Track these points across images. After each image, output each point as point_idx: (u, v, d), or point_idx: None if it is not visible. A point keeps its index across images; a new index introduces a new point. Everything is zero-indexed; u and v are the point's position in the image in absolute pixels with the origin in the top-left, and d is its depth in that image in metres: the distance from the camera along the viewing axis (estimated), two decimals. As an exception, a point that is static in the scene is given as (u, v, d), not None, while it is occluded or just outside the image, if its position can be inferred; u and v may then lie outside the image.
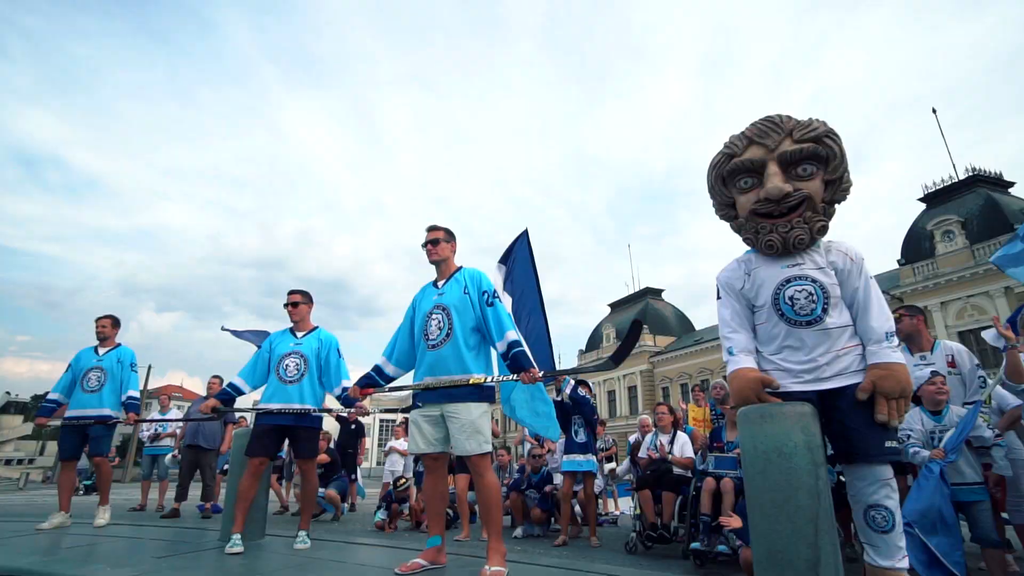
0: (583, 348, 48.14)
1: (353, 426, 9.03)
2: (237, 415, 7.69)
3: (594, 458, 4.98)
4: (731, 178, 2.34)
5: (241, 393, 4.27)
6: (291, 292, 4.39)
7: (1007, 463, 3.35)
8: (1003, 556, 3.14)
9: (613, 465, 9.18)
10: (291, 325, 4.35)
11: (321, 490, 6.95)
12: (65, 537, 4.20)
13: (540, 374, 2.90)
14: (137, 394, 5.09)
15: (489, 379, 3.02)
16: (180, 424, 7.61)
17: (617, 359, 2.86)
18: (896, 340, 2.10)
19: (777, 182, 2.18)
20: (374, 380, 3.43)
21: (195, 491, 7.39)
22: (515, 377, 2.96)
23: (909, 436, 3.22)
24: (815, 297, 2.15)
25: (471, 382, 3.00)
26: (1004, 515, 3.74)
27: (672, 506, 4.29)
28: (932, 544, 2.75)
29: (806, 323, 2.15)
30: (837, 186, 2.22)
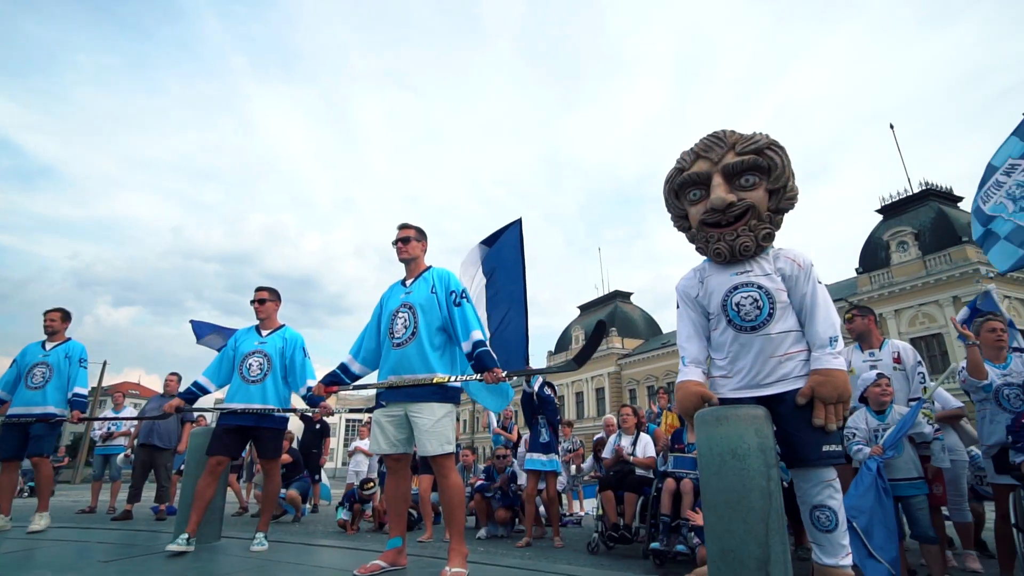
0: (552, 349, 48.43)
1: (318, 426, 8.87)
2: (196, 414, 7.48)
3: (556, 458, 5.02)
4: (682, 191, 2.43)
5: (206, 392, 4.19)
6: (259, 289, 4.32)
7: (944, 456, 3.51)
8: (941, 552, 3.28)
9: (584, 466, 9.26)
10: (257, 323, 4.28)
11: (282, 491, 6.82)
12: (3, 542, 4.00)
13: (503, 374, 2.91)
14: (84, 391, 4.88)
15: (453, 379, 3.02)
16: (135, 422, 7.35)
17: (580, 360, 2.89)
18: (840, 345, 2.14)
19: (720, 193, 2.26)
20: (339, 378, 3.39)
21: (149, 492, 7.14)
22: (479, 377, 2.96)
23: (854, 434, 3.36)
24: (760, 303, 2.21)
25: (435, 381, 2.99)
26: (946, 512, 3.93)
27: (634, 507, 4.36)
28: (868, 539, 2.86)
29: (751, 328, 2.21)
30: (781, 195, 2.29)
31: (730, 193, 2.27)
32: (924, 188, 27.64)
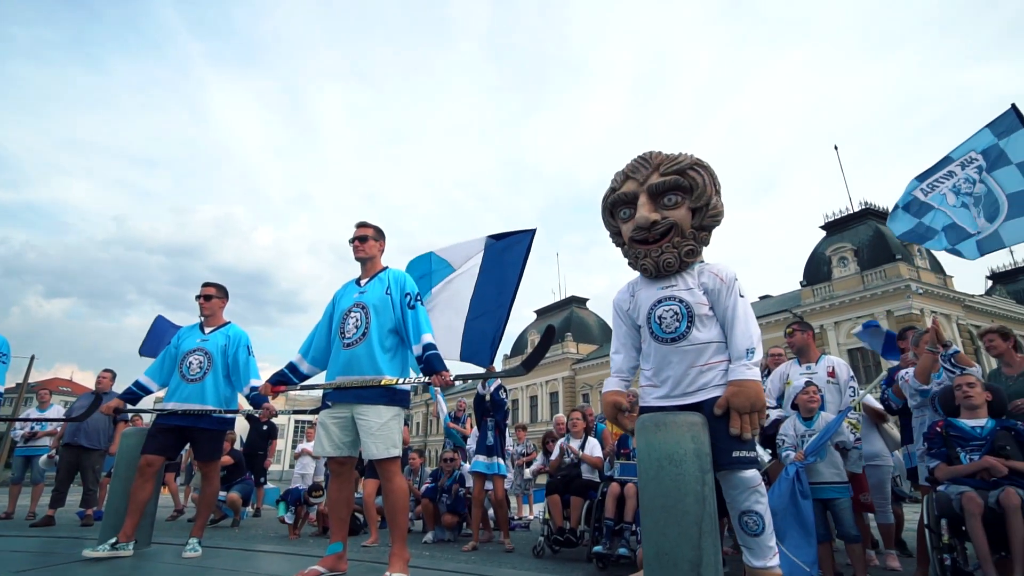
0: (508, 353, 48.56)
1: (265, 427, 8.59)
2: (130, 414, 7.11)
3: (502, 461, 5.02)
4: (614, 210, 2.54)
5: (148, 392, 4.04)
6: (205, 285, 4.18)
7: (860, 462, 3.75)
8: (863, 551, 3.47)
9: (533, 470, 9.29)
10: (201, 320, 4.14)
11: (222, 494, 6.56)
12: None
13: (452, 377, 2.91)
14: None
15: (401, 381, 2.99)
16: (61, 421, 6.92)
17: (528, 365, 2.92)
18: (756, 357, 2.23)
19: (645, 212, 2.36)
20: (287, 378, 3.31)
21: (75, 496, 6.73)
22: (427, 379, 2.95)
23: (784, 440, 3.52)
24: (680, 315, 2.31)
25: (383, 383, 2.95)
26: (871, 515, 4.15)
27: (580, 510, 4.41)
28: (782, 541, 2.99)
29: (671, 340, 2.31)
30: (704, 213, 2.39)
31: (654, 212, 2.37)
32: (864, 207, 29.23)
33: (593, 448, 4.72)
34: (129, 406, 4.01)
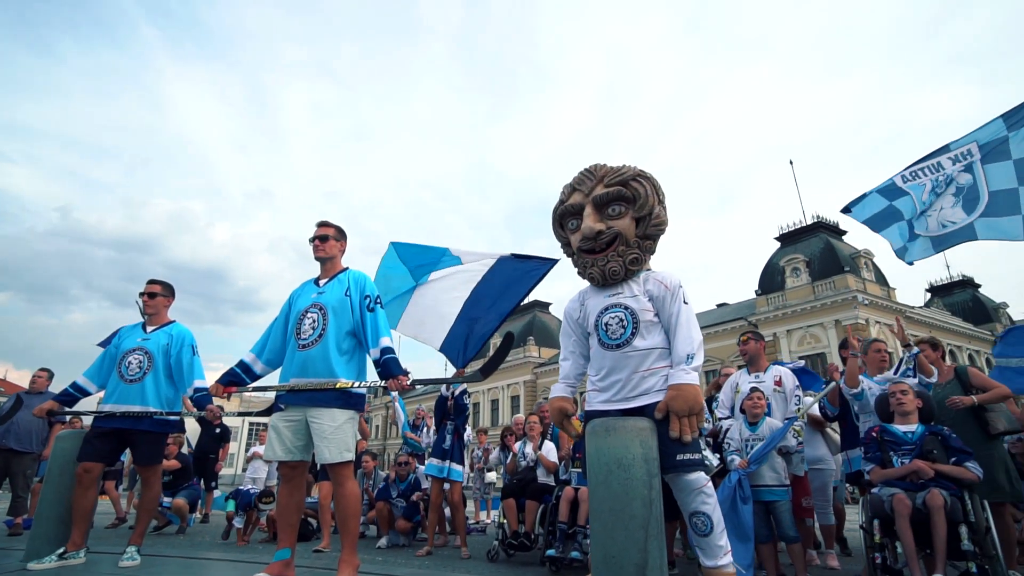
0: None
1: (218, 430, 8.30)
2: (68, 416, 6.76)
3: (458, 467, 5.00)
4: (563, 221, 2.61)
5: (86, 394, 3.86)
6: (150, 282, 4.03)
7: (802, 465, 3.90)
8: (803, 551, 3.61)
9: (494, 475, 9.24)
10: (144, 319, 3.98)
11: (167, 499, 6.30)
12: None
13: (408, 382, 2.89)
14: None
15: (357, 384, 2.95)
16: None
17: (486, 372, 2.94)
18: (696, 362, 2.30)
19: (589, 222, 2.43)
20: (239, 378, 3.22)
21: (3, 503, 6.34)
22: (384, 383, 2.93)
23: (730, 444, 3.64)
24: (625, 322, 2.37)
25: (337, 386, 2.91)
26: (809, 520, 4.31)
27: (534, 514, 4.43)
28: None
29: (616, 346, 2.37)
30: (648, 222, 2.46)
31: (599, 222, 2.44)
32: (816, 221, 30.47)
33: (549, 452, 4.76)
34: (66, 408, 3.83)
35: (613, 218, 2.45)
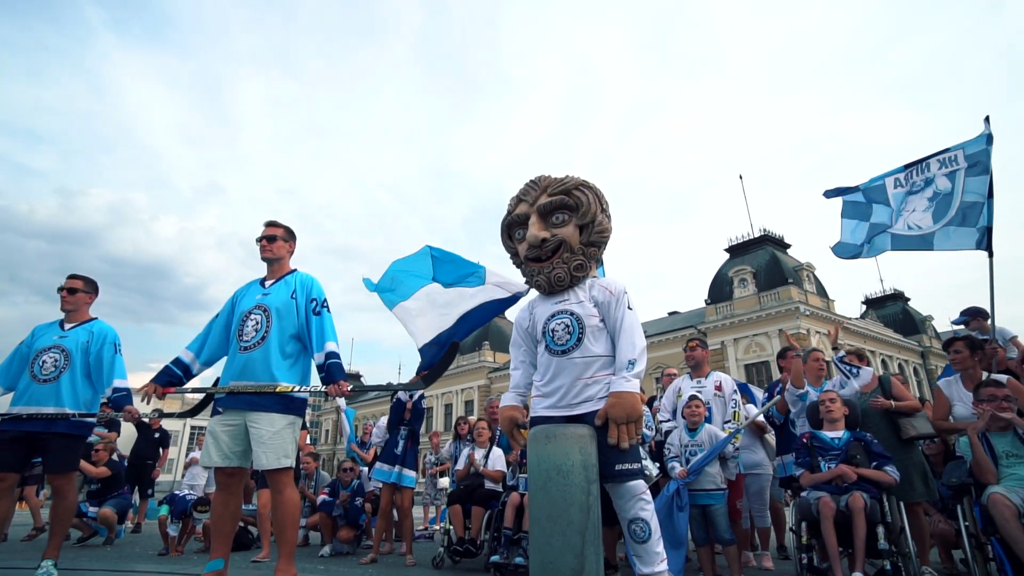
0: (423, 361, 47.95)
1: (157, 434, 7.91)
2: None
3: (411, 473, 4.95)
4: (511, 232, 2.65)
5: None
6: (71, 277, 3.82)
7: (737, 470, 4.04)
8: (738, 552, 3.75)
9: (446, 481, 9.17)
10: (63, 316, 3.76)
11: (93, 509, 5.96)
12: None
13: (349, 388, 2.85)
14: None
15: (297, 389, 2.89)
16: None
17: (429, 379, 2.93)
18: (637, 368, 2.34)
19: (534, 230, 2.48)
20: (177, 377, 3.10)
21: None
22: (323, 388, 2.88)
23: (670, 450, 3.75)
24: (571, 329, 2.41)
25: (278, 390, 2.84)
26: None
27: (481, 520, 4.42)
28: None
29: (562, 352, 2.40)
30: (591, 229, 2.52)
31: (543, 230, 2.49)
32: (763, 234, 31.80)
33: (496, 460, 4.76)
34: None
35: (557, 226, 2.49)
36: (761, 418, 5.05)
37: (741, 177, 38.10)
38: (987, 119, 4.54)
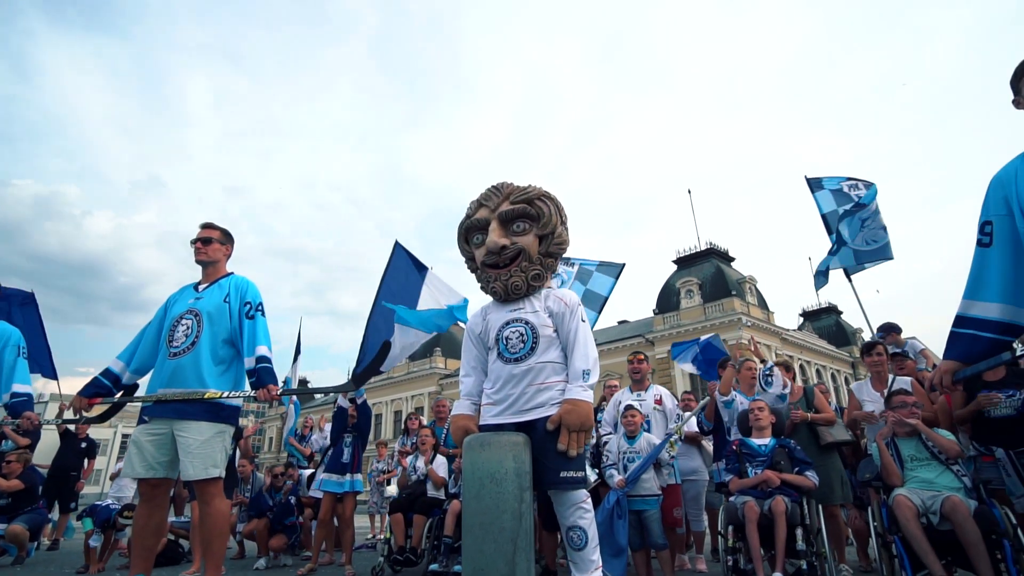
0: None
1: (84, 443, 7.44)
2: None
3: (358, 476, 4.87)
4: (469, 236, 2.65)
5: None
6: None
7: (675, 475, 4.18)
8: (671, 557, 3.88)
9: (394, 488, 9.03)
10: None
11: (1, 526, 5.53)
12: None
13: (278, 392, 2.80)
14: None
15: (225, 395, 2.81)
16: None
17: (359, 381, 2.90)
18: (592, 379, 2.41)
19: (495, 237, 2.49)
20: (105, 388, 2.98)
21: None
22: (253, 393, 2.82)
23: (608, 457, 3.85)
24: (525, 337, 2.44)
25: (206, 397, 2.76)
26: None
27: (422, 529, 4.40)
28: (604, 565, 3.29)
29: (515, 360, 2.43)
30: (550, 240, 2.57)
31: (504, 237, 2.51)
32: (709, 247, 32.99)
33: (439, 466, 4.75)
34: None
35: (518, 234, 2.51)
36: (696, 428, 5.25)
37: (690, 191, 39.73)
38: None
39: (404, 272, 5.32)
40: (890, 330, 5.48)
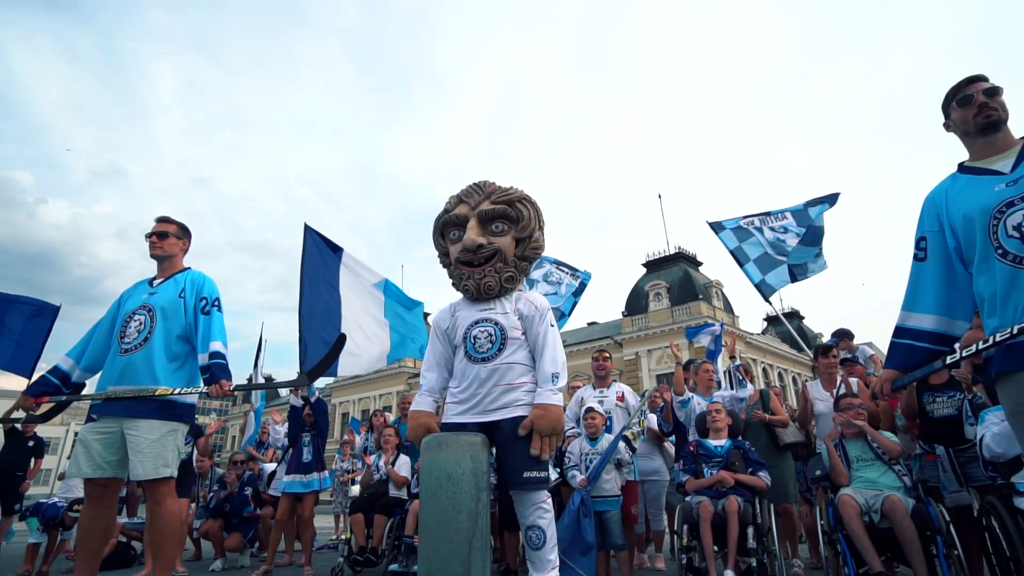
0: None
1: (31, 442, 7.11)
2: None
3: (323, 474, 4.81)
4: (445, 230, 2.63)
5: None
6: None
7: (634, 474, 4.23)
8: (629, 557, 3.95)
9: (358, 489, 8.93)
10: None
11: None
12: None
13: (230, 388, 2.76)
14: None
15: (177, 391, 2.75)
16: None
17: (313, 375, 2.88)
18: (560, 382, 2.43)
19: (472, 235, 2.49)
20: (53, 387, 2.89)
21: None
22: (205, 389, 2.77)
23: (570, 458, 3.90)
24: (494, 337, 2.45)
25: (157, 394, 2.70)
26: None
27: (383, 529, 4.37)
28: (574, 562, 3.34)
29: (482, 359, 2.43)
30: (527, 244, 2.59)
31: (482, 236, 2.50)
32: (677, 252, 33.58)
33: (402, 466, 4.73)
34: None
35: (495, 235, 2.51)
36: (656, 427, 5.35)
37: (660, 196, 40.03)
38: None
39: (320, 255, 5.19)
40: (843, 336, 5.70)
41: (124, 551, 5.50)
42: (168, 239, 3.09)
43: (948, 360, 2.00)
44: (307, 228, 5.16)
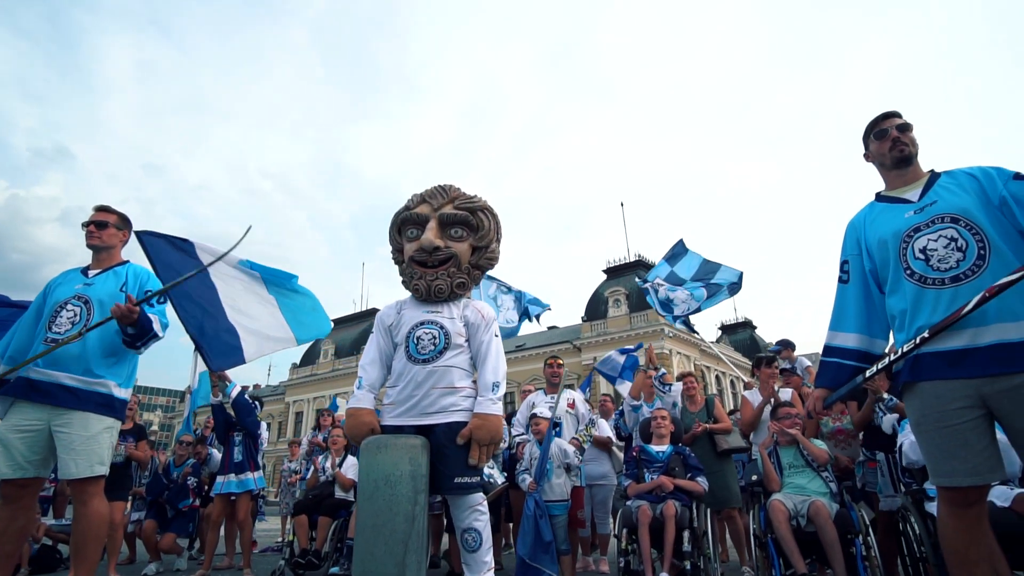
0: (297, 362, 45.53)
1: None
2: None
3: (258, 474, 4.68)
4: (404, 227, 2.62)
5: None
6: None
7: (581, 478, 4.27)
8: (572, 562, 4.00)
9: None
10: None
11: None
12: None
13: (135, 301, 2.69)
14: None
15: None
16: None
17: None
18: (500, 391, 2.45)
19: (431, 236, 2.49)
20: None
21: None
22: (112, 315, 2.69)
23: (521, 463, 3.94)
24: (437, 340, 2.44)
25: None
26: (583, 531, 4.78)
27: (327, 531, 4.31)
28: (540, 564, 3.38)
29: (422, 361, 2.42)
30: (483, 253, 2.62)
31: (439, 239, 2.51)
32: (637, 259, 34.24)
33: (349, 467, 4.67)
34: None
35: (454, 239, 2.52)
36: (609, 432, 5.46)
37: (622, 204, 41.07)
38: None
39: (174, 250, 4.60)
40: (786, 346, 5.94)
41: (49, 554, 5.23)
42: (107, 229, 2.98)
43: (867, 375, 2.14)
44: (140, 235, 4.22)
